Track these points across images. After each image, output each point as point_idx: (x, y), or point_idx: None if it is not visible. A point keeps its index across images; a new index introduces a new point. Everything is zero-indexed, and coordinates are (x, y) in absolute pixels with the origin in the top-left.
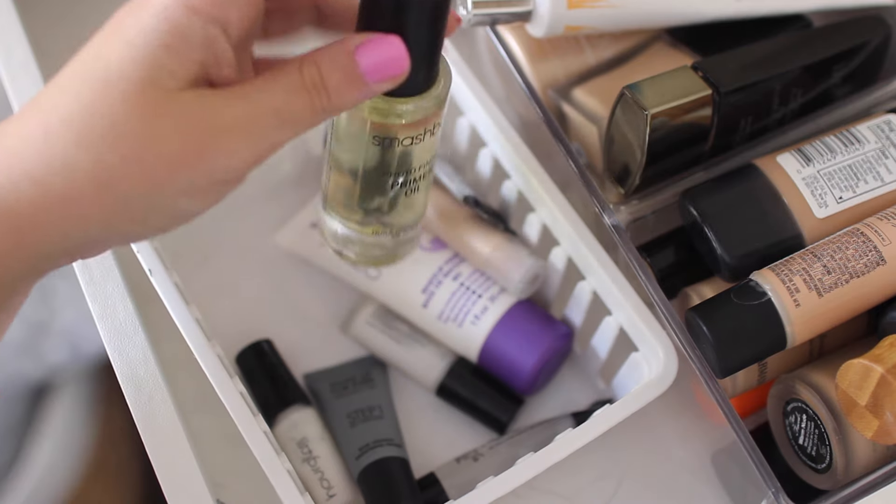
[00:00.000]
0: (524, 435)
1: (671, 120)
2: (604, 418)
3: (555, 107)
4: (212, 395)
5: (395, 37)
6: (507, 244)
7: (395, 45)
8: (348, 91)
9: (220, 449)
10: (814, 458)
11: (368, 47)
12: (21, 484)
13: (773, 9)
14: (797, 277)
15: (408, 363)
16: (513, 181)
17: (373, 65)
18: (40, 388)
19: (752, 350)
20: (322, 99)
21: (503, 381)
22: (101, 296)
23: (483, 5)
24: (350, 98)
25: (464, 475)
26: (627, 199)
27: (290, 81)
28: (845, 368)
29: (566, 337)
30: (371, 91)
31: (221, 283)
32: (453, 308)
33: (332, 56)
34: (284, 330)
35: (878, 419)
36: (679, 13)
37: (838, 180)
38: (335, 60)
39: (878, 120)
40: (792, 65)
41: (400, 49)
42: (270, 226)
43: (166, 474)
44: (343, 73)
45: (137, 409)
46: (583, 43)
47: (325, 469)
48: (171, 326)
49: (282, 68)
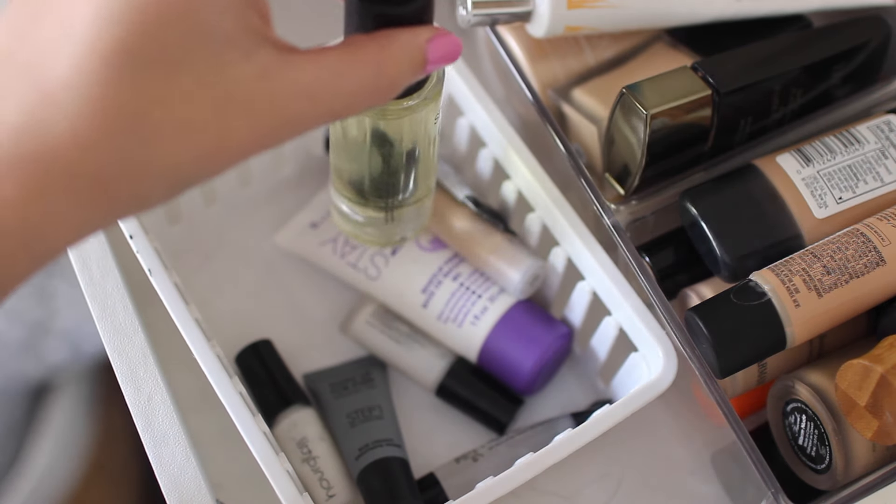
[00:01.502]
0: (524, 435)
1: (671, 120)
2: (603, 418)
3: (554, 107)
4: (211, 395)
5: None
6: (506, 244)
7: (454, 41)
8: (408, 80)
9: (219, 449)
10: (813, 459)
11: (437, 42)
12: (21, 484)
13: (773, 9)
14: (797, 278)
15: (407, 363)
16: (513, 181)
17: (436, 60)
18: (40, 388)
19: (752, 350)
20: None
21: (503, 381)
22: (100, 296)
23: (483, 5)
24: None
25: (463, 475)
26: (627, 199)
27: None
28: (845, 369)
29: (566, 337)
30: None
31: (221, 283)
32: (453, 308)
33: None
34: (284, 330)
35: (878, 420)
36: (679, 13)
37: (838, 181)
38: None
39: (877, 120)
40: (792, 65)
41: (458, 45)
42: (270, 226)
43: (166, 474)
44: (413, 68)
45: (137, 409)
46: (582, 43)
47: (324, 469)
48: (170, 326)
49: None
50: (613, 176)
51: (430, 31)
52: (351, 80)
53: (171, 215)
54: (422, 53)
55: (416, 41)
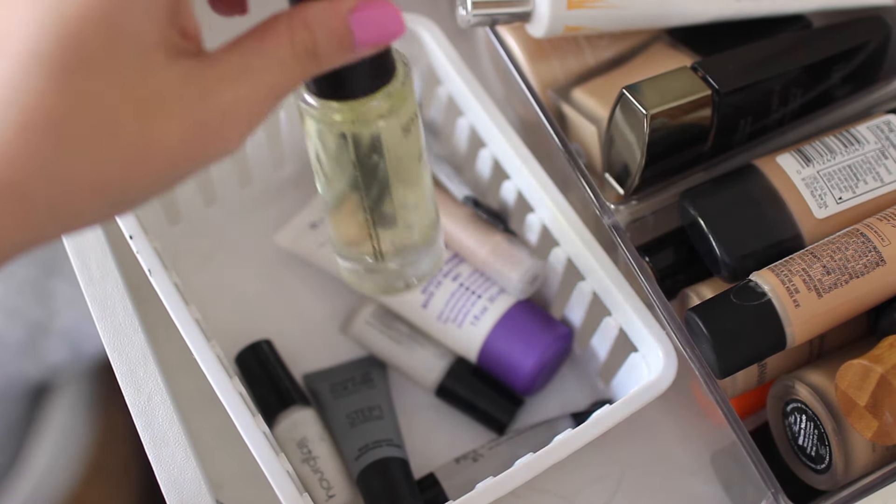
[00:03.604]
0: (524, 435)
1: (671, 120)
2: (603, 418)
3: (554, 107)
4: (211, 396)
5: (390, 4)
6: (506, 244)
7: (389, 12)
8: (337, 58)
9: (219, 449)
10: (813, 459)
11: (364, 13)
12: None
13: (773, 9)
14: (797, 278)
15: (407, 363)
16: (512, 181)
17: (366, 32)
18: (40, 388)
19: (752, 350)
20: (312, 66)
21: (503, 381)
22: (100, 296)
23: (483, 5)
24: (335, 64)
25: (463, 476)
26: (627, 199)
27: (282, 51)
28: (845, 369)
29: (566, 337)
30: (355, 57)
31: (221, 283)
32: (453, 308)
33: (325, 20)
34: (284, 330)
35: (878, 420)
36: (679, 13)
37: (838, 181)
38: (328, 25)
39: (877, 120)
40: (792, 65)
41: (395, 16)
42: (270, 226)
43: (166, 474)
44: (336, 40)
45: (137, 409)
46: (582, 43)
47: (324, 469)
48: (170, 326)
49: (268, 32)
50: (613, 176)
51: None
52: (267, 51)
53: (171, 215)
54: (344, 25)
55: (334, 10)
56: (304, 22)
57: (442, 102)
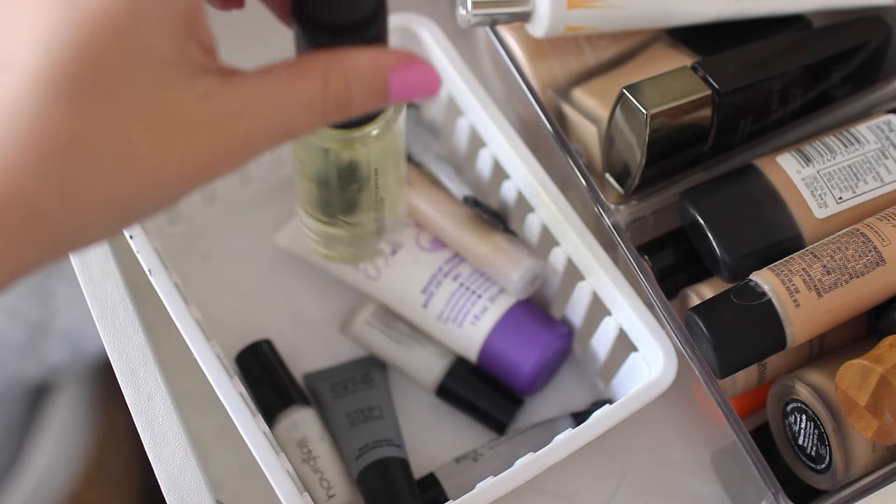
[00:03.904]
0: (524, 435)
1: (671, 120)
2: (603, 418)
3: (554, 107)
4: (211, 396)
5: (429, 64)
6: (506, 244)
7: (428, 73)
8: (366, 109)
9: (220, 449)
10: (813, 459)
11: (404, 73)
12: (21, 484)
13: (773, 9)
14: (797, 278)
15: (407, 363)
16: (512, 181)
17: (403, 91)
18: (40, 388)
19: (752, 350)
20: (338, 115)
21: (503, 381)
22: (100, 296)
23: (483, 5)
24: (361, 113)
25: (463, 475)
26: (627, 199)
27: (313, 97)
28: (845, 369)
29: (566, 337)
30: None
31: (221, 283)
32: (453, 308)
33: (365, 77)
34: (284, 330)
35: (878, 419)
36: (679, 13)
37: (838, 181)
38: (367, 81)
39: (877, 120)
40: (792, 65)
41: (433, 78)
42: (270, 226)
43: (166, 474)
44: (372, 95)
45: (137, 409)
46: (582, 43)
47: (324, 469)
48: (170, 326)
49: (302, 72)
50: (613, 176)
51: (395, 57)
52: (297, 93)
53: (171, 215)
54: (382, 81)
55: (376, 65)
56: (343, 73)
57: (442, 102)
